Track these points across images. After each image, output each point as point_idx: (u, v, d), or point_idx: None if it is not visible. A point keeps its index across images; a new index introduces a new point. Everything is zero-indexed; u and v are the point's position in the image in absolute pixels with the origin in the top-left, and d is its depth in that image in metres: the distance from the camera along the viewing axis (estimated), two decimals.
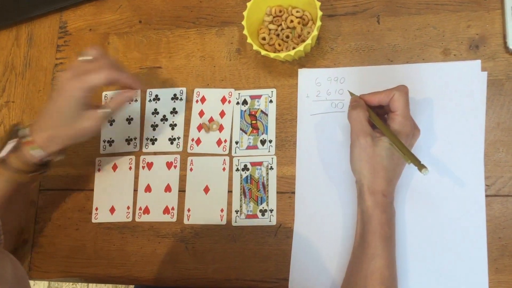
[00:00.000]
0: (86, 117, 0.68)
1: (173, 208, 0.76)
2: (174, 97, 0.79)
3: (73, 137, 0.69)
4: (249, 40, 0.72)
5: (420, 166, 0.58)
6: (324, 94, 0.74)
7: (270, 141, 0.74)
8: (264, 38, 0.75)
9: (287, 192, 0.73)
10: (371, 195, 0.62)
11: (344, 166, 0.69)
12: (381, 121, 0.64)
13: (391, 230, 0.62)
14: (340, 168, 0.71)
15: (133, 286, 0.84)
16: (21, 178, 0.69)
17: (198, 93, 0.79)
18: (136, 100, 0.81)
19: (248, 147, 0.75)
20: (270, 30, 0.76)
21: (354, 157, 0.64)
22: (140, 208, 0.77)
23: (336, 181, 0.70)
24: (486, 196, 0.66)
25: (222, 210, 0.74)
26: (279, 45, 0.75)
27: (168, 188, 0.76)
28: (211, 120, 0.77)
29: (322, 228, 0.70)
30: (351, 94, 0.70)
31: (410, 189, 0.68)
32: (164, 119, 0.79)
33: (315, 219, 0.71)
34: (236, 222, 0.73)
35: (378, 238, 0.60)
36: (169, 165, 0.77)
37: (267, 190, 0.73)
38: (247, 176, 0.74)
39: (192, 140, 0.77)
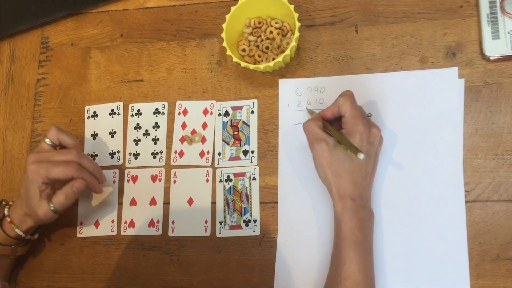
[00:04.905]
0: (40, 208, 0.70)
1: (158, 222, 0.76)
2: (156, 112, 0.80)
3: (38, 220, 0.72)
4: (228, 52, 0.72)
5: (356, 151, 0.59)
6: (305, 103, 0.74)
7: (252, 152, 0.75)
8: (244, 50, 0.76)
9: (270, 202, 0.73)
10: (339, 200, 0.63)
11: None
12: (332, 126, 0.65)
13: (363, 234, 0.62)
14: None
15: None
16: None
17: (180, 105, 0.79)
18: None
19: (231, 158, 0.75)
20: (249, 41, 0.76)
21: (316, 166, 0.66)
22: (126, 222, 0.77)
23: (318, 190, 0.71)
24: (466, 201, 0.67)
25: (206, 222, 0.74)
26: (259, 56, 0.75)
27: (153, 201, 0.77)
28: (193, 132, 0.78)
29: (305, 237, 0.71)
30: (310, 111, 0.72)
31: (389, 195, 0.69)
32: (147, 133, 0.79)
33: (298, 228, 0.71)
34: (220, 233, 0.73)
35: (348, 243, 0.61)
36: (153, 178, 0.77)
37: (250, 201, 0.73)
38: (230, 187, 0.74)
39: (175, 152, 0.77)
